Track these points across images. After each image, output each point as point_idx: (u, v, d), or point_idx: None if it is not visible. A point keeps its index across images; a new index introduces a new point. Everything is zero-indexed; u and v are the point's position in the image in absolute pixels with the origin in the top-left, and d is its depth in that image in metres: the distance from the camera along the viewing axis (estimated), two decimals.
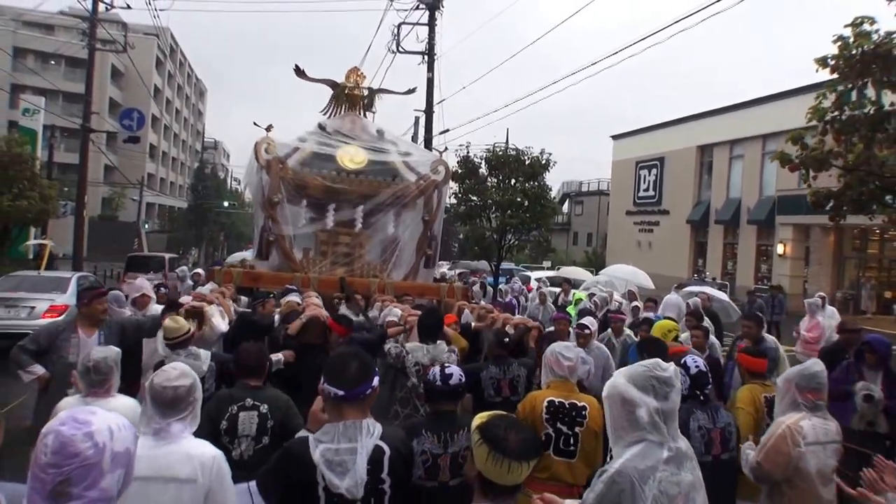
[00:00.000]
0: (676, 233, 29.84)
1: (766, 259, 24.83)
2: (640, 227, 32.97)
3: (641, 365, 1.98)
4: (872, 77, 6.32)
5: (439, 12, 18.35)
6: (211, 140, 73.52)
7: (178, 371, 2.32)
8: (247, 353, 3.14)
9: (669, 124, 31.53)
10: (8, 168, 14.95)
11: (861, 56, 6.17)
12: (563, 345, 3.32)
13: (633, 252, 30.63)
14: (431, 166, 8.44)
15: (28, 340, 4.02)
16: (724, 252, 27.50)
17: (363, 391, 2.01)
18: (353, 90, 8.85)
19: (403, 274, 8.15)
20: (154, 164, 49.41)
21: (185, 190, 57.07)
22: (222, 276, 7.29)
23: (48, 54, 41.19)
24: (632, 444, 1.91)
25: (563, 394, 3.12)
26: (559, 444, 3.04)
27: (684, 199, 29.53)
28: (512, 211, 15.26)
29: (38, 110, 22.61)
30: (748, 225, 25.18)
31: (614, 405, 1.96)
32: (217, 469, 2.19)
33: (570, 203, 46.40)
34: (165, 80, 51.92)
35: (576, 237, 44.36)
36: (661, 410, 1.90)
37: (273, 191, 7.58)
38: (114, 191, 40.72)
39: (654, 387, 1.91)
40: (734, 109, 26.14)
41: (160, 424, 2.18)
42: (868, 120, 6.37)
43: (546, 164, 15.71)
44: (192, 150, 64.14)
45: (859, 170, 6.49)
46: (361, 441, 1.96)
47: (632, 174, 33.93)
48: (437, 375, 2.79)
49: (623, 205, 34.72)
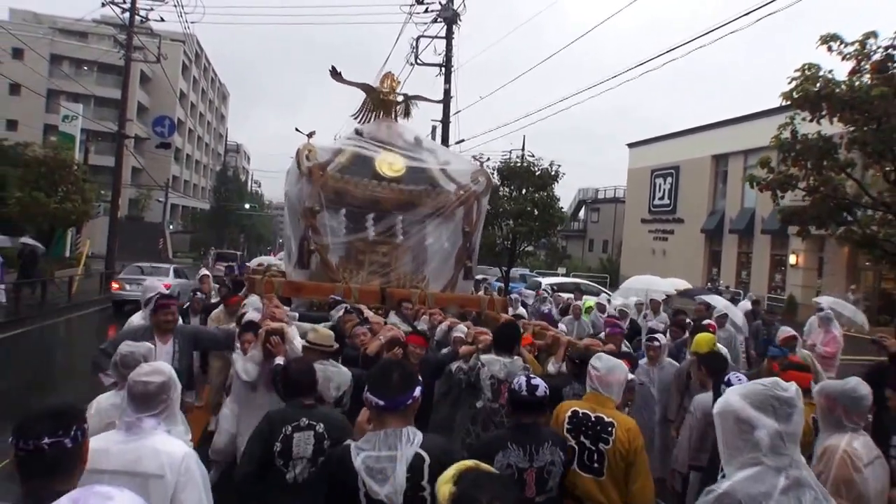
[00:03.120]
0: (691, 241, 30.07)
1: (781, 269, 25.03)
2: (654, 235, 33.23)
3: (759, 383, 1.87)
4: (820, 113, 7.20)
5: (457, 26, 19.09)
6: (233, 143, 75.16)
7: (151, 367, 2.31)
8: (296, 370, 3.02)
9: (684, 133, 31.79)
10: (54, 172, 15.96)
11: (811, 95, 7.06)
12: (598, 355, 3.17)
13: (647, 260, 30.93)
14: (472, 176, 8.24)
15: (109, 344, 4.04)
16: (739, 261, 27.71)
17: (404, 401, 2.06)
18: (388, 95, 8.62)
19: (442, 285, 7.97)
20: (179, 166, 50.82)
21: (208, 192, 58.52)
22: (263, 286, 6.91)
23: (82, 60, 42.75)
24: (745, 465, 1.78)
25: (592, 406, 2.95)
26: (583, 458, 2.88)
27: (699, 208, 29.75)
28: (522, 219, 15.85)
29: (76, 116, 23.75)
30: (762, 235, 25.36)
31: (726, 423, 1.84)
32: (186, 467, 2.14)
33: (586, 210, 46.63)
34: (190, 84, 53.40)
35: (591, 244, 44.61)
36: (783, 433, 1.76)
37: (314, 199, 7.35)
38: (140, 192, 42.06)
39: (773, 407, 1.78)
40: (749, 119, 26.30)
41: (132, 419, 2.17)
42: (818, 150, 7.19)
43: (555, 175, 16.31)
44: (215, 152, 65.67)
45: (819, 191, 7.19)
46: (401, 449, 2.00)
47: (647, 182, 34.20)
48: (524, 385, 2.71)
49: (638, 213, 34.98)
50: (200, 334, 4.34)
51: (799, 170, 7.63)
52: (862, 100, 6.87)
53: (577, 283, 18.11)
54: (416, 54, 19.15)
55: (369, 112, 8.71)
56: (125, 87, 19.96)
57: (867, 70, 6.97)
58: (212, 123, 65.03)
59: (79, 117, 23.99)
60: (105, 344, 4.07)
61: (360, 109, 8.83)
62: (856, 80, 7.12)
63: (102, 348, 4.01)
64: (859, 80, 7.10)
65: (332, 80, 8.51)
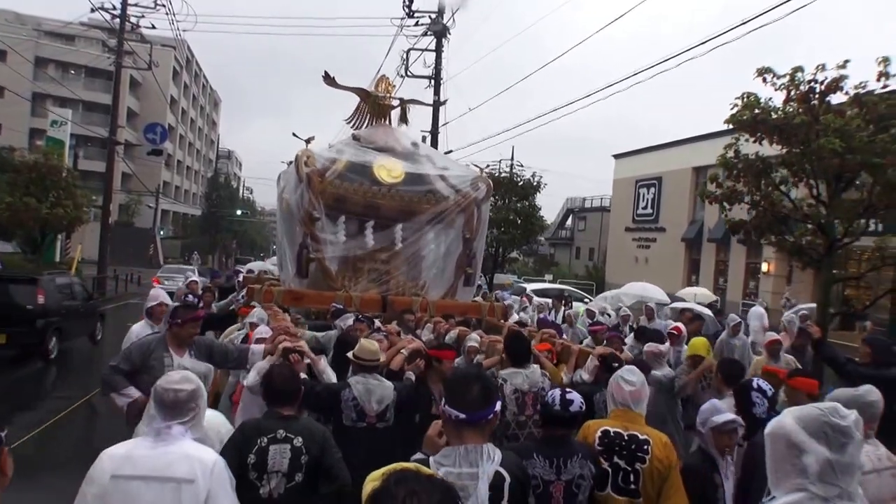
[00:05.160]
0: (672, 249, 30.80)
1: (756, 276, 25.76)
2: (638, 243, 33.95)
3: (816, 408, 1.77)
4: (759, 136, 8.12)
5: (446, 39, 19.63)
6: (224, 150, 75.23)
7: (181, 375, 2.32)
8: (280, 377, 2.81)
9: (667, 146, 32.62)
10: (45, 178, 16.23)
11: (747, 121, 7.97)
12: (627, 368, 2.98)
13: (630, 267, 31.59)
14: (472, 183, 8.12)
15: (120, 360, 3.69)
16: (717, 269, 28.47)
17: (486, 415, 1.96)
18: (384, 100, 8.46)
19: (442, 292, 7.84)
20: (169, 172, 50.77)
21: (199, 198, 58.54)
22: (262, 295, 6.84)
23: (69, 64, 42.64)
24: (791, 491, 1.72)
25: (623, 424, 2.77)
26: (618, 480, 2.70)
27: (680, 218, 30.51)
28: (504, 228, 16.39)
29: (65, 122, 23.97)
30: (738, 244, 26.09)
31: (777, 445, 1.78)
32: (218, 472, 2.16)
33: (573, 218, 47.40)
34: (181, 90, 53.31)
35: (578, 251, 45.29)
36: (834, 462, 1.67)
37: (312, 205, 7.19)
38: (130, 198, 42.08)
39: (826, 434, 1.70)
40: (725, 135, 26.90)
41: (161, 425, 2.18)
42: (756, 169, 8.09)
43: (537, 185, 16.89)
44: (206, 159, 65.67)
45: (760, 206, 8.06)
46: (483, 466, 1.90)
47: (631, 192, 34.95)
48: (557, 400, 2.63)
49: (623, 221, 35.72)
50: (215, 348, 3.99)
51: (743, 185, 8.34)
52: (789, 126, 7.68)
53: (560, 288, 18.66)
54: (407, 66, 19.63)
55: (364, 117, 8.56)
56: (116, 94, 20.22)
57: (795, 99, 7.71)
58: (203, 129, 64.96)
59: (68, 122, 24.18)
60: (115, 360, 3.71)
61: (354, 114, 8.71)
62: (788, 107, 7.91)
63: (113, 365, 3.66)
64: (791, 107, 7.88)
65: (326, 85, 8.40)
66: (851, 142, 7.22)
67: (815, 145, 7.39)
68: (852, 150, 7.22)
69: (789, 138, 7.85)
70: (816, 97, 7.77)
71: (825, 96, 7.77)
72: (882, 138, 7.23)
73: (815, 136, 7.44)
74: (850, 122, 7.32)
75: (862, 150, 7.16)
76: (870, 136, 7.31)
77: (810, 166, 7.83)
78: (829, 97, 7.79)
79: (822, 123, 7.42)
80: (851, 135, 7.24)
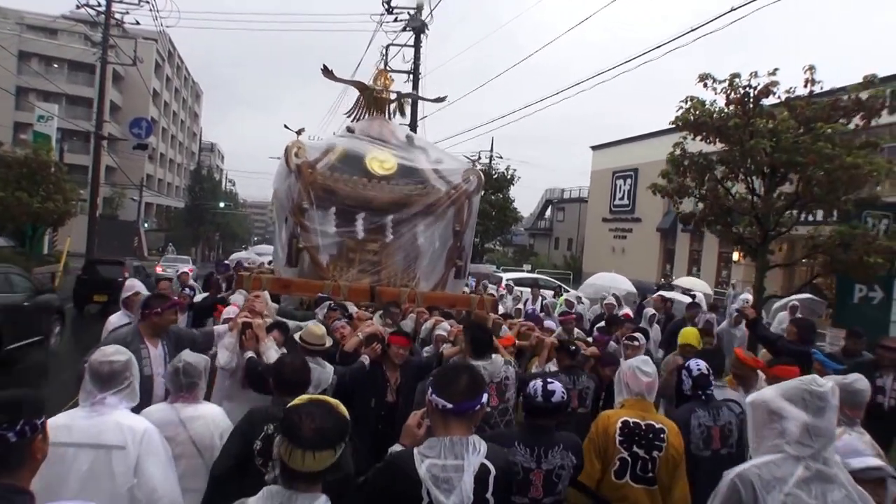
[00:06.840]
0: (647, 239, 31.85)
1: (727, 265, 26.88)
2: (614, 233, 34.97)
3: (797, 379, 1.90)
4: (702, 135, 8.98)
5: (424, 35, 20.26)
6: (207, 143, 75.00)
7: (114, 349, 2.48)
8: (290, 367, 2.85)
9: (643, 137, 33.48)
10: (36, 173, 16.65)
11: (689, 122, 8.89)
12: (642, 359, 3.08)
13: (607, 257, 32.61)
14: (463, 175, 8.17)
15: None
16: (690, 258, 29.55)
17: (472, 406, 1.95)
18: (382, 94, 8.57)
19: (433, 284, 7.92)
20: (153, 165, 50.78)
21: (182, 190, 58.51)
22: (251, 283, 6.91)
23: (52, 58, 42.46)
24: (767, 452, 1.83)
25: (640, 414, 2.87)
26: (636, 469, 2.79)
27: (655, 209, 31.49)
28: (479, 219, 17.18)
29: (52, 117, 24.22)
30: (710, 234, 27.10)
31: (758, 413, 1.88)
32: (148, 439, 2.24)
33: (552, 209, 48.32)
34: (164, 83, 53.19)
35: (557, 242, 46.25)
36: (811, 426, 1.77)
37: (302, 196, 7.27)
38: (114, 191, 42.11)
39: (805, 399, 1.80)
40: None
41: (96, 398, 2.31)
42: (700, 166, 8.95)
43: (511, 178, 17.68)
44: (189, 151, 65.51)
45: (706, 199, 8.99)
46: (468, 458, 1.90)
47: (608, 183, 35.89)
48: (539, 391, 2.65)
49: (600, 212, 36.67)
50: (181, 335, 3.99)
51: (691, 181, 9.18)
52: (726, 127, 8.56)
53: (535, 278, 19.49)
54: (386, 62, 20.26)
55: (363, 110, 8.70)
56: (101, 89, 20.63)
57: (733, 102, 8.56)
58: (185, 122, 64.79)
59: (54, 118, 24.43)
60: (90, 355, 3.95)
61: (354, 107, 8.85)
62: (727, 110, 8.76)
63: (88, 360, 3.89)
64: (729, 110, 8.73)
65: (325, 77, 8.45)
66: (780, 142, 8.12)
67: (748, 145, 8.24)
68: (780, 149, 8.13)
69: (727, 138, 8.67)
70: (751, 101, 8.63)
71: (758, 100, 8.61)
72: (804, 139, 8.11)
73: (749, 137, 8.29)
74: (782, 124, 8.16)
75: (788, 150, 8.06)
76: (794, 136, 8.19)
77: (744, 164, 8.68)
78: (762, 101, 8.63)
79: (754, 125, 8.29)
80: (780, 136, 8.13)
